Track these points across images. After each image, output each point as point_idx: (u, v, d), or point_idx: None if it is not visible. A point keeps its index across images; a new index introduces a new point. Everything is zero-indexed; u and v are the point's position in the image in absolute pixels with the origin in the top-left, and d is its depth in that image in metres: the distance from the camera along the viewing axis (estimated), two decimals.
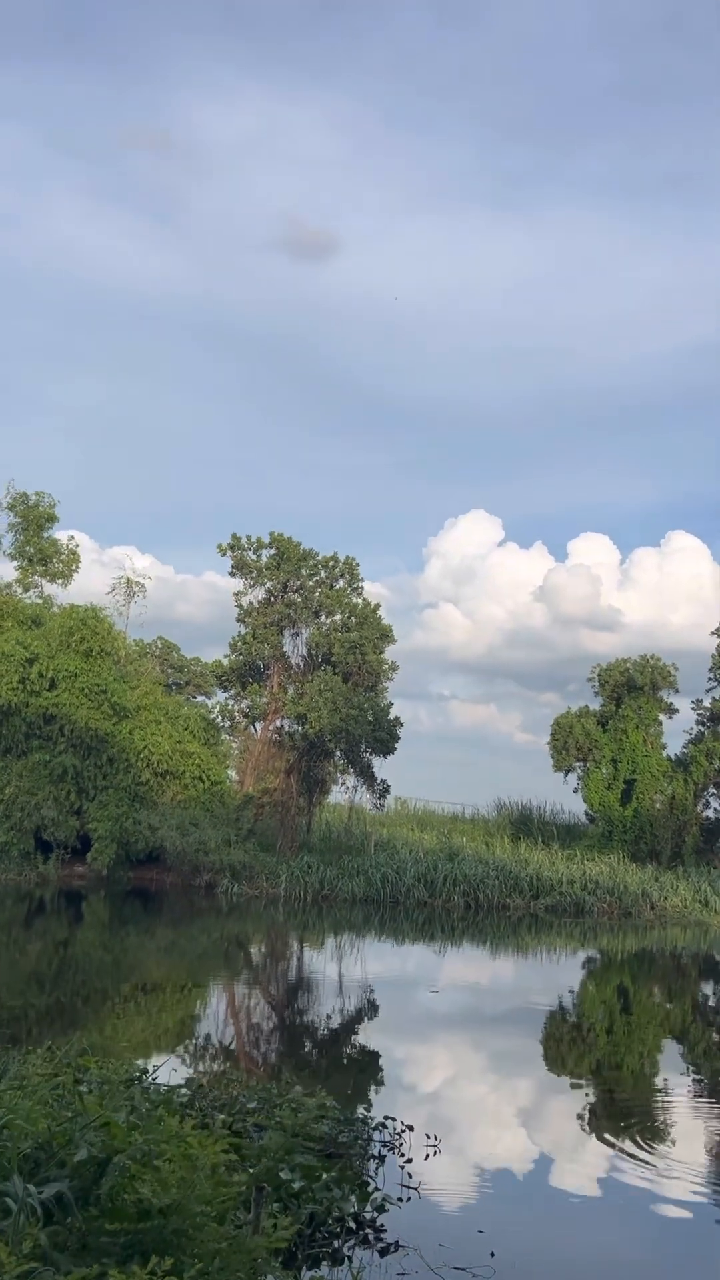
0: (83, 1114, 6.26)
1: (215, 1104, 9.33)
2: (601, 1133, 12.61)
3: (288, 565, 41.55)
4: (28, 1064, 9.27)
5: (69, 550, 43.84)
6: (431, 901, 35.34)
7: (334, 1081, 15.13)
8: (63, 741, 37.44)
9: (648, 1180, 10.76)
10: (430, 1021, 20.00)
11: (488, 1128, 13.31)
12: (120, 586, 44.34)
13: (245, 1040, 17.78)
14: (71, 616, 39.98)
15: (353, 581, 42.31)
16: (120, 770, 37.98)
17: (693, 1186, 10.73)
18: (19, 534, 43.06)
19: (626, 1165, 11.21)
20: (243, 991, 22.07)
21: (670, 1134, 12.90)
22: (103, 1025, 17.58)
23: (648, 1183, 10.69)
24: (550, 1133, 13.11)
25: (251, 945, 28.73)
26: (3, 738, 37.25)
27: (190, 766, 39.04)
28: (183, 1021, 18.85)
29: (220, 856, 35.79)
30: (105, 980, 22.11)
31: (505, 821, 50.00)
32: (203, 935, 29.08)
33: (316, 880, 35.73)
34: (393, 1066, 16.32)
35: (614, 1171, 11.07)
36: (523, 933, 31.82)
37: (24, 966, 22.92)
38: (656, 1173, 11.01)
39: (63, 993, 20.46)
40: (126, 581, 44.48)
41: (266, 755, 41.35)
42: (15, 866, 36.00)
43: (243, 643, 41.51)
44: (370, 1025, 19.55)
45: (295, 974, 24.83)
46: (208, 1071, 14.40)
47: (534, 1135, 12.88)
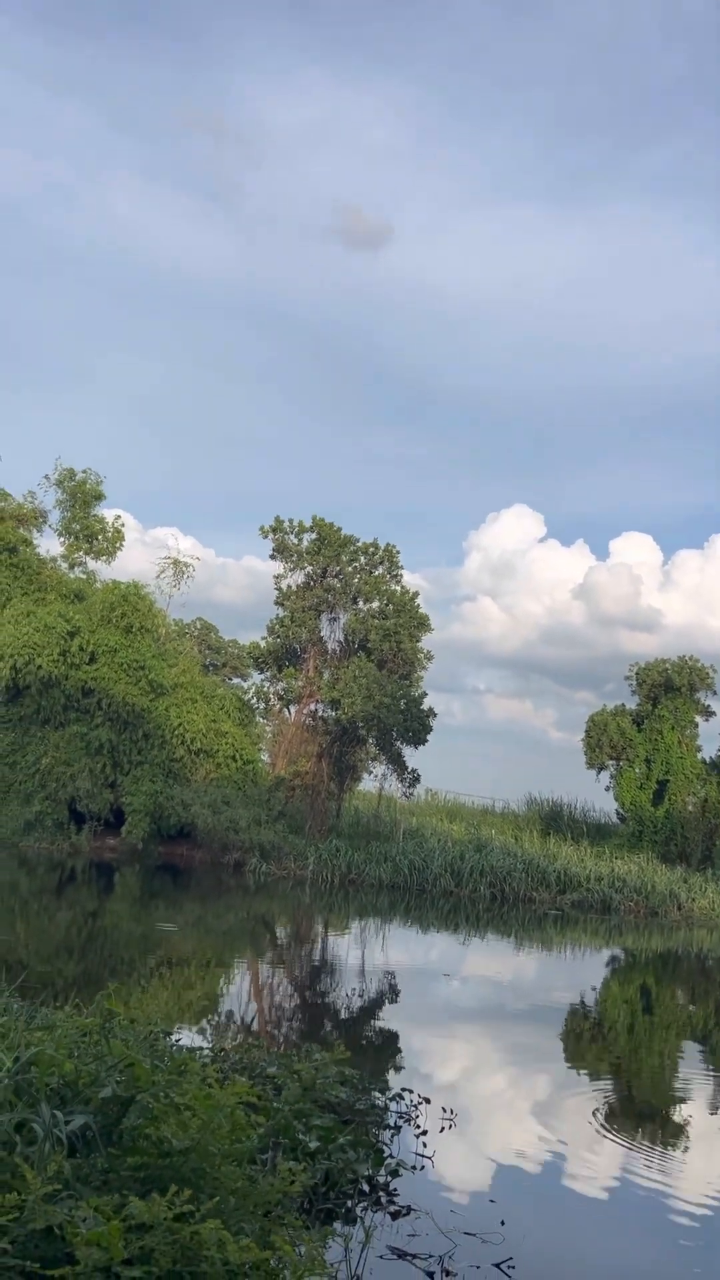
0: (108, 1055, 6.42)
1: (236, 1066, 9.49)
2: (617, 1128, 12.64)
3: (328, 550, 41.68)
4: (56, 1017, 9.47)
5: (114, 528, 44.27)
6: (458, 891, 35.41)
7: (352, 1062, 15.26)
8: (100, 715, 37.88)
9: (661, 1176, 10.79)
10: (450, 1011, 20.07)
11: (503, 1114, 13.38)
12: (169, 567, 44.75)
13: (266, 1018, 17.94)
14: (113, 592, 40.42)
15: (392, 569, 42.38)
16: (155, 746, 38.36)
17: (705, 1184, 10.76)
18: (66, 510, 43.56)
19: (641, 1160, 11.25)
20: (266, 970, 22.26)
21: (687, 1133, 12.91)
22: (128, 995, 17.82)
23: (661, 1178, 10.72)
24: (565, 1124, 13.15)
25: (277, 925, 28.93)
26: (42, 709, 37.75)
27: (224, 746, 39.37)
28: (206, 997, 19.05)
29: (250, 836, 36.07)
30: (132, 951, 22.38)
31: (535, 817, 49.92)
32: (229, 913, 29.32)
33: (344, 864, 35.93)
34: (411, 1052, 16.40)
35: (629, 1166, 11.10)
36: (547, 927, 31.80)
37: (53, 935, 23.24)
38: (671, 1169, 11.05)
39: (90, 962, 20.74)
40: (174, 563, 44.87)
41: (299, 738, 41.58)
42: (49, 836, 36.49)
43: (280, 625, 41.74)
44: (390, 1011, 19.64)
45: (319, 956, 24.99)
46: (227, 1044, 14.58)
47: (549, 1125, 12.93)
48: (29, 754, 37.61)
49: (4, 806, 37.11)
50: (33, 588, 40.18)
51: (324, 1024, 18.03)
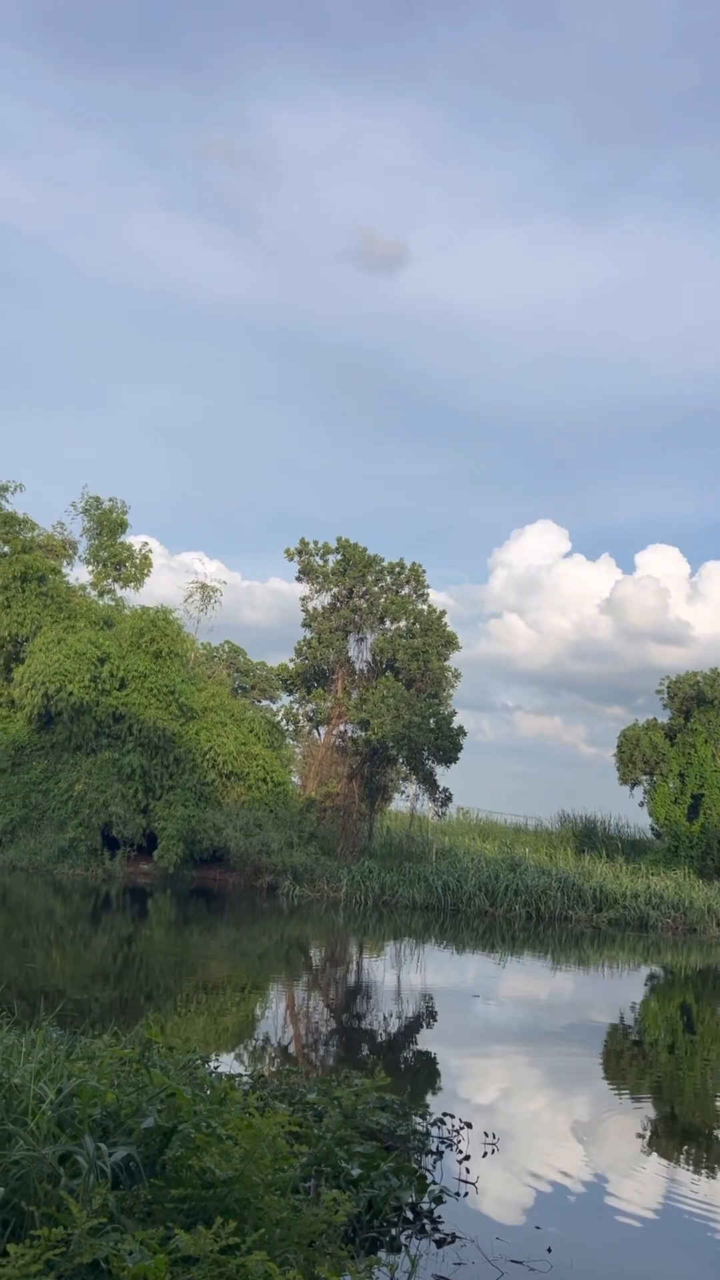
0: (149, 1086, 6.41)
1: (276, 1093, 9.44)
2: (661, 1151, 12.47)
3: (354, 571, 41.76)
4: (94, 1046, 9.47)
5: (142, 555, 44.58)
6: (492, 911, 35.18)
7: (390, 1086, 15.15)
8: (131, 740, 38.03)
9: (708, 1199, 10.63)
10: (488, 1032, 19.90)
11: (545, 1137, 13.23)
12: (196, 592, 44.97)
13: (303, 1042, 17.87)
14: (142, 618, 40.66)
15: (418, 588, 42.39)
16: (186, 770, 38.46)
17: None
18: (93, 539, 43.93)
19: (687, 1183, 11.09)
20: (302, 994, 22.17)
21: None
22: (164, 1021, 17.80)
23: (708, 1201, 10.56)
24: (608, 1146, 12.99)
25: (312, 948, 28.83)
26: (73, 736, 37.96)
27: (254, 768, 39.40)
28: (242, 1021, 19.00)
29: (283, 858, 36.04)
30: (168, 977, 22.37)
31: (569, 834, 49.59)
32: (264, 936, 29.26)
33: (377, 885, 35.80)
34: (449, 1074, 16.27)
35: (674, 1188, 10.94)
36: (585, 945, 31.52)
37: (89, 961, 23.28)
38: (717, 1192, 10.88)
39: (125, 988, 20.75)
40: (201, 587, 45.09)
41: (329, 760, 41.55)
42: (83, 862, 36.60)
43: (308, 647, 41.79)
44: (427, 1033, 19.51)
45: (354, 979, 24.88)
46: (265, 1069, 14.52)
47: (592, 1148, 12.77)
48: (62, 781, 37.81)
49: (38, 833, 37.29)
50: (63, 615, 40.47)
51: (361, 1048, 17.93)
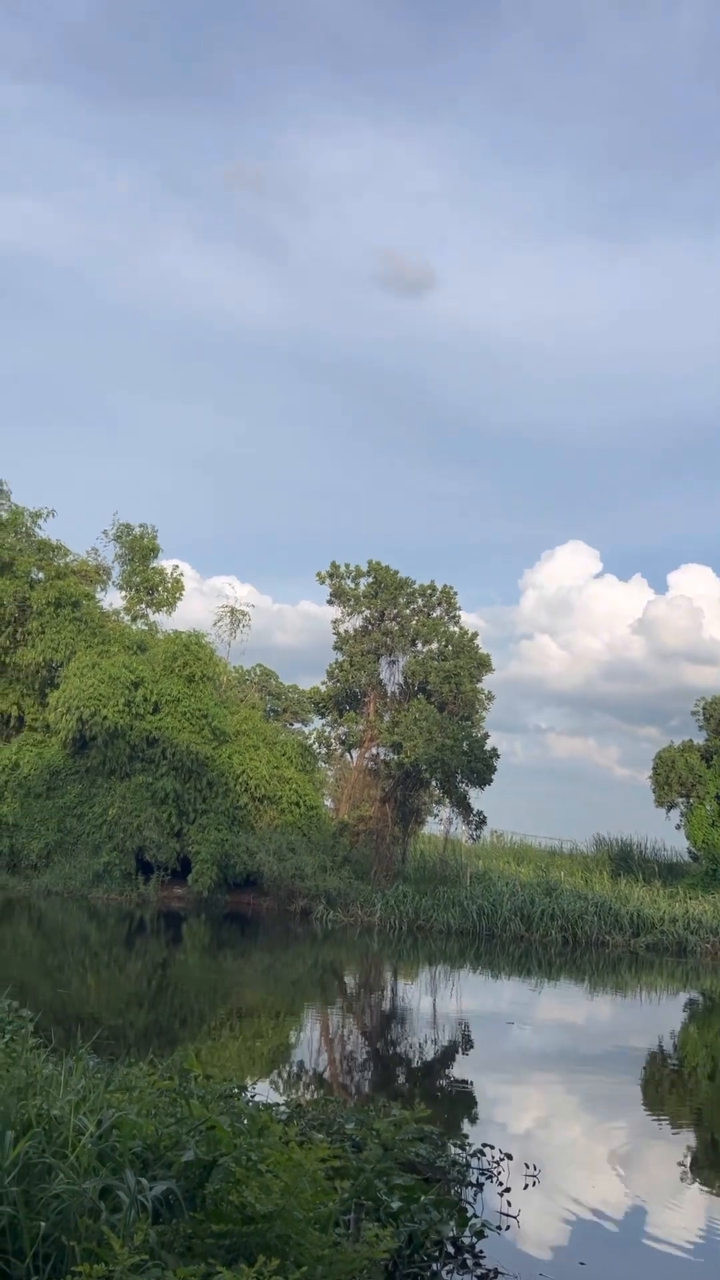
0: (189, 1118, 6.37)
1: (313, 1123, 9.37)
2: (703, 1180, 12.27)
3: (385, 594, 41.76)
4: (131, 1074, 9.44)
5: (173, 579, 44.81)
6: (528, 935, 34.86)
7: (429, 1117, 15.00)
8: (164, 764, 38.12)
9: None
10: (525, 1059, 19.70)
11: (585, 1167, 13.04)
12: (226, 616, 45.16)
13: (339, 1069, 17.76)
14: (175, 643, 40.85)
15: (450, 610, 42.31)
16: (219, 794, 38.48)
17: None
18: (125, 564, 44.25)
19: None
20: (337, 1020, 22.06)
21: None
22: (199, 1047, 17.75)
23: None
24: (650, 1176, 12.79)
25: (346, 973, 28.70)
26: (107, 760, 38.11)
27: (287, 792, 39.36)
28: (277, 1047, 18.93)
29: (316, 883, 35.92)
30: (202, 1003, 22.33)
31: (604, 857, 49.08)
32: (298, 961, 29.16)
33: (411, 910, 35.56)
34: (486, 1102, 16.11)
35: (717, 1220, 10.75)
36: (622, 971, 31.15)
37: (124, 986, 23.29)
38: None
39: (161, 1013, 20.73)
40: (231, 611, 45.27)
41: (362, 783, 41.43)
42: (117, 886, 36.65)
43: (340, 670, 41.77)
44: (464, 1060, 19.34)
45: (389, 1004, 24.73)
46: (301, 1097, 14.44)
47: (633, 1178, 12.58)
48: (96, 805, 37.94)
49: (73, 858, 37.40)
50: (96, 640, 40.72)
51: (397, 1075, 17.79)
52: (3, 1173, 5.44)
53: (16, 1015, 11.44)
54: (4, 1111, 5.73)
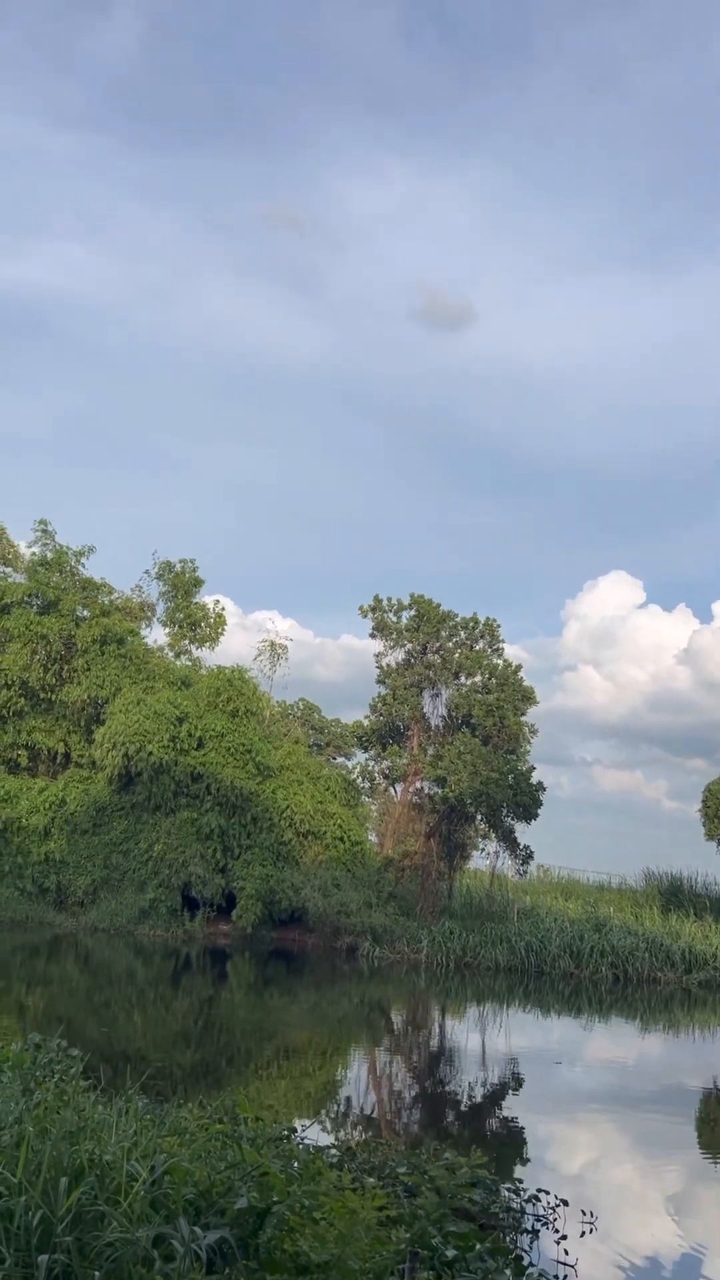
0: (241, 1163, 6.29)
1: (365, 1167, 9.23)
2: None
3: (427, 627, 41.69)
4: (180, 1116, 9.37)
5: (215, 613, 45.08)
6: (578, 972, 34.33)
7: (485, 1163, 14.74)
8: (209, 800, 38.16)
9: None
10: (575, 1098, 19.36)
11: (641, 1211, 12.74)
12: (265, 650, 45.34)
13: (387, 1108, 17.54)
14: (219, 678, 41.00)
15: (493, 643, 42.12)
16: (264, 829, 38.42)
17: None
18: (169, 600, 44.60)
19: None
20: (384, 1058, 21.82)
21: None
22: (246, 1086, 17.62)
23: None
24: (708, 1220, 12.46)
25: (393, 1011, 28.41)
26: (153, 796, 38.22)
27: (331, 827, 39.22)
28: (325, 1086, 18.74)
29: (361, 919, 35.67)
30: (249, 1041, 22.19)
31: (654, 892, 48.32)
32: (344, 999, 28.93)
33: (458, 947, 35.15)
34: (537, 1142, 15.83)
35: None
36: (674, 1008, 30.57)
37: (170, 1024, 23.21)
38: None
39: (207, 1052, 20.61)
40: (270, 645, 45.43)
41: (406, 817, 41.19)
42: (163, 923, 36.63)
43: (383, 704, 41.67)
44: (514, 1099, 19.04)
45: (437, 1043, 24.43)
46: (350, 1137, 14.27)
47: (690, 1222, 12.26)
48: (142, 841, 38.03)
49: (119, 894, 37.47)
50: (141, 676, 40.99)
51: (446, 1114, 17.53)
52: (56, 1221, 5.39)
53: (66, 1055, 11.43)
54: (57, 1157, 5.69)
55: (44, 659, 40.67)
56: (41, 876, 38.18)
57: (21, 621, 40.40)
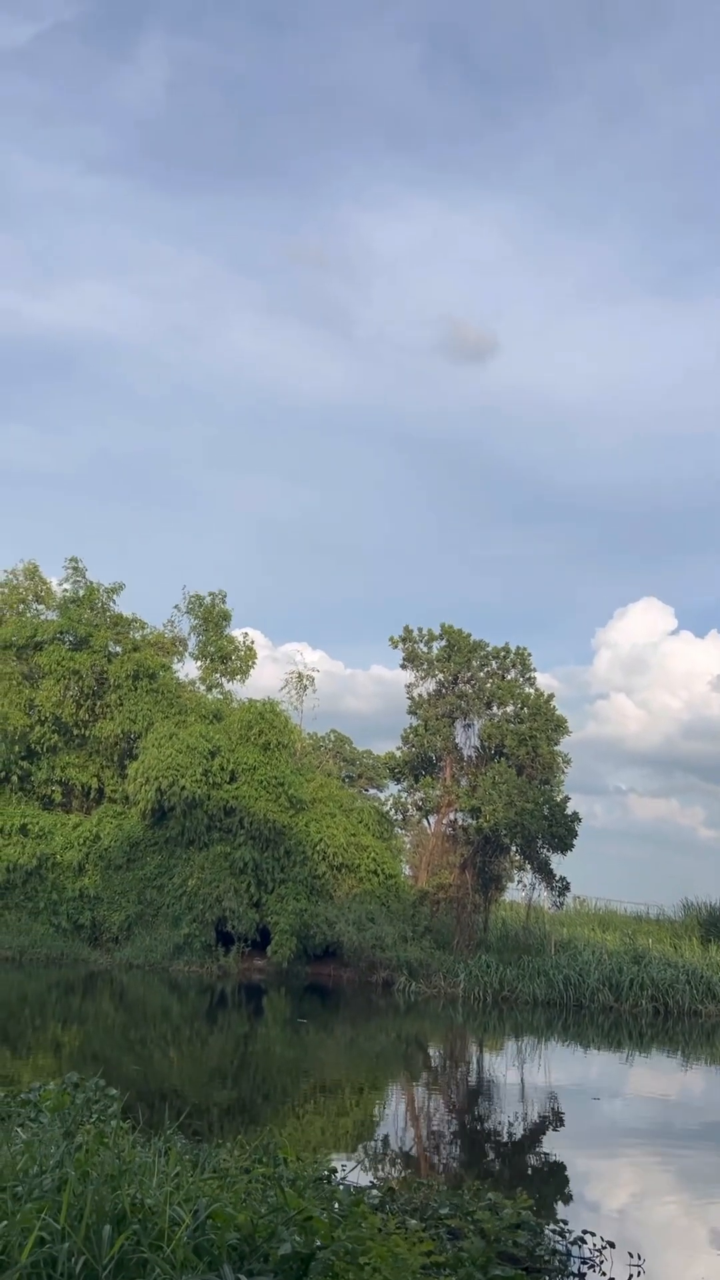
0: (283, 1207, 6.22)
1: (407, 1208, 9.10)
2: None
3: (458, 657, 41.59)
4: (219, 1156, 9.30)
5: (245, 646, 45.23)
6: (617, 1006, 33.86)
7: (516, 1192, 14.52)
8: (242, 834, 38.10)
9: None
10: (616, 1133, 19.07)
11: (689, 1252, 12.48)
12: (292, 681, 45.38)
13: (425, 1145, 17.34)
14: (250, 711, 41.05)
15: (525, 672, 41.93)
16: (297, 863, 38.29)
17: None
18: (199, 634, 44.81)
19: None
20: (422, 1095, 21.59)
21: None
22: (283, 1123, 17.48)
23: None
24: None
25: (430, 1047, 28.13)
26: (186, 830, 38.21)
27: (365, 860, 39.03)
28: (362, 1123, 18.57)
29: (397, 953, 35.40)
30: (285, 1078, 22.03)
31: (694, 923, 47.64)
32: (381, 1034, 28.67)
33: (495, 980, 34.77)
34: (579, 1179, 15.59)
35: None
36: (716, 1041, 30.08)
37: (206, 1061, 23.09)
38: None
39: (244, 1089, 20.49)
40: (298, 676, 45.47)
41: (440, 849, 40.91)
42: (198, 959, 36.51)
43: (414, 734, 41.53)
44: (555, 1135, 18.78)
45: (475, 1078, 24.15)
46: (389, 1176, 14.10)
47: None
48: (175, 876, 37.99)
49: (153, 930, 37.40)
50: (173, 711, 41.12)
51: (486, 1151, 17.30)
52: (100, 1268, 5.34)
53: (104, 1094, 11.38)
54: (99, 1201, 5.65)
55: (77, 695, 40.91)
56: (76, 913, 38.20)
57: (54, 658, 40.68)
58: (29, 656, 41.62)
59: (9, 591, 44.82)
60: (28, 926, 37.31)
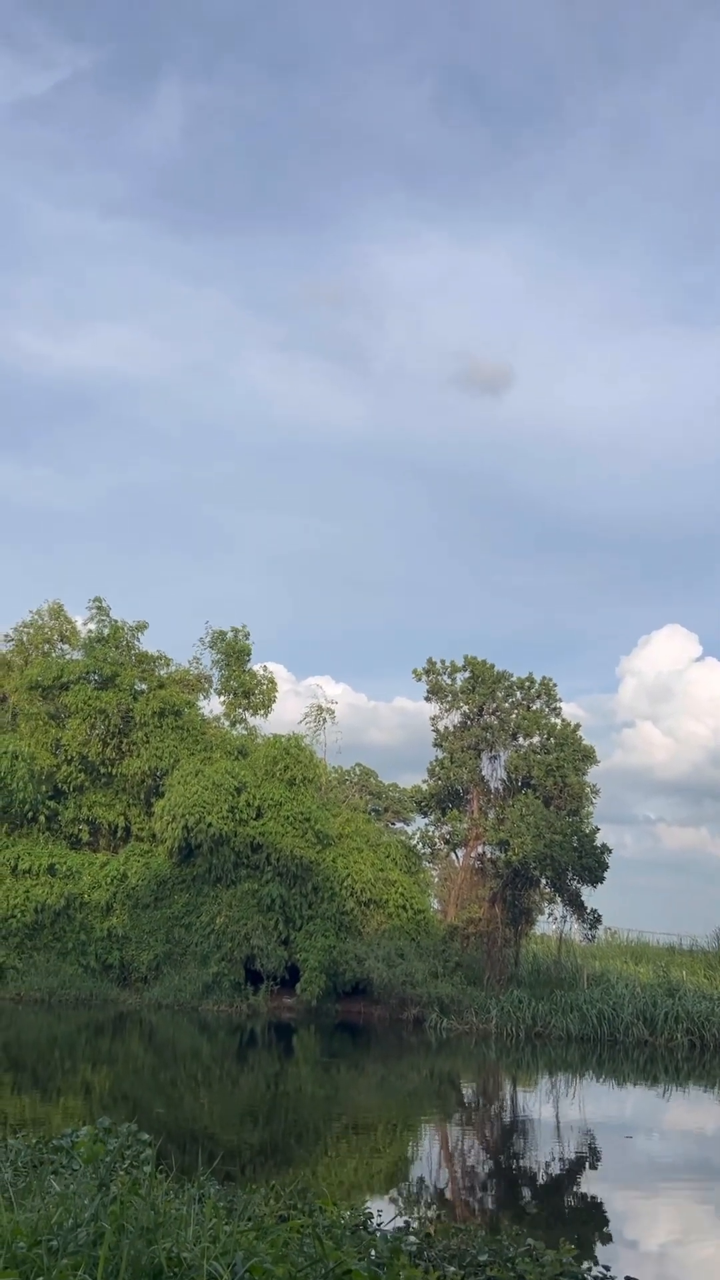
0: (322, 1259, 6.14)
1: (445, 1254, 8.96)
2: None
3: (483, 688, 41.46)
4: (253, 1203, 9.20)
5: (267, 680, 45.24)
6: (652, 1040, 33.38)
7: (554, 1234, 14.29)
8: (269, 870, 37.96)
9: None
10: (654, 1171, 18.78)
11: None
12: (312, 713, 45.28)
13: (460, 1185, 17.14)
14: (275, 746, 41.02)
15: (550, 702, 41.73)
16: (325, 899, 38.09)
17: None
18: (222, 670, 44.90)
19: None
20: (456, 1133, 21.35)
21: None
22: (316, 1164, 17.32)
23: None
24: None
25: (463, 1084, 27.81)
26: (213, 868, 38.09)
27: (393, 895, 38.79)
28: (396, 1163, 18.37)
29: (427, 989, 35.07)
30: (317, 1117, 21.84)
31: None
32: (412, 1072, 28.39)
33: (528, 1016, 34.34)
34: (618, 1219, 15.35)
35: None
36: None
37: (237, 1102, 22.93)
38: None
39: (275, 1130, 20.32)
40: (317, 709, 45.38)
41: (469, 883, 40.60)
42: (227, 998, 36.28)
43: (440, 767, 41.35)
44: (591, 1173, 18.51)
45: (510, 1116, 23.84)
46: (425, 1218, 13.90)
47: None
48: (203, 914, 37.85)
49: (182, 969, 37.20)
50: (199, 747, 41.16)
51: (522, 1190, 17.08)
52: None
53: (135, 1139, 11.28)
54: (135, 1256, 5.59)
55: (103, 733, 41.04)
56: (105, 953, 38.08)
57: (80, 697, 40.85)
58: (55, 696, 41.81)
59: (34, 632, 45.10)
60: (57, 967, 37.21)
